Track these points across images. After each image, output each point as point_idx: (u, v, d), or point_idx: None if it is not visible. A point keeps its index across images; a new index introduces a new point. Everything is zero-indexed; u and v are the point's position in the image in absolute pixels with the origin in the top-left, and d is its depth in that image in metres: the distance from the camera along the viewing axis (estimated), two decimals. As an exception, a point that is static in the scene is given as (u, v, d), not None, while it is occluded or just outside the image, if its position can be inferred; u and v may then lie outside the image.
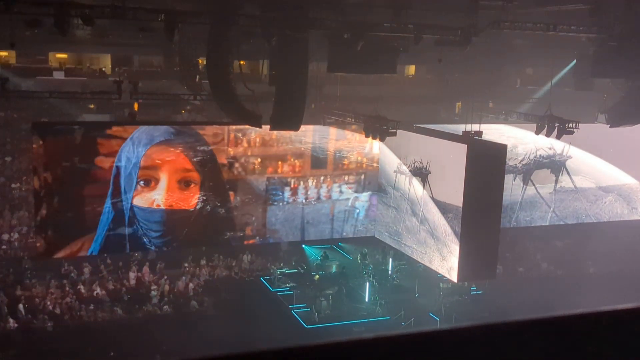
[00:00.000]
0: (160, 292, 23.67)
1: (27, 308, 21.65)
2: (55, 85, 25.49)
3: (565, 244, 29.90)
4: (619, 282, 24.18)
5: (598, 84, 26.06)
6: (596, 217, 29.83)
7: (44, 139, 22.57)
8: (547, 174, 28.53)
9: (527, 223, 28.81)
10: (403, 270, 26.35)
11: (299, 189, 26.51)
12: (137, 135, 23.52)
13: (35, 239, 23.40)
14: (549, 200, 28.77)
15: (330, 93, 27.98)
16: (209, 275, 25.36)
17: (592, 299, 23.14)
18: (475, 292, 25.29)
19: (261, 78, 24.14)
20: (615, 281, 24.29)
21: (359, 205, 27.49)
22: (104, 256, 24.55)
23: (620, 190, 29.99)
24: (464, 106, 28.28)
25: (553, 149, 27.99)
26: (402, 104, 28.94)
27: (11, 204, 26.58)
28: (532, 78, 31.45)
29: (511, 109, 27.38)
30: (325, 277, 25.74)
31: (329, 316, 23.16)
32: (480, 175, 21.59)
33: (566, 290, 24.31)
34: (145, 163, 23.68)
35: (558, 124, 23.17)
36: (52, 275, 23.55)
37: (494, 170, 22.08)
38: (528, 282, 26.22)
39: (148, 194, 23.85)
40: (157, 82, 27.48)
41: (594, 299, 22.95)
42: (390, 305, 23.74)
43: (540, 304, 22.63)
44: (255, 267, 26.46)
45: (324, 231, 27.24)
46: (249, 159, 25.59)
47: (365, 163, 27.48)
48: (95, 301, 22.69)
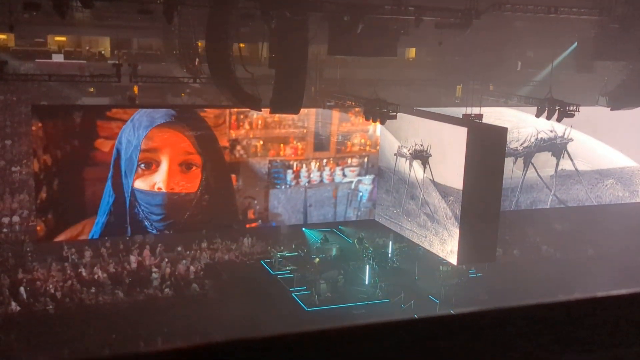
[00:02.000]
0: (161, 275, 23.73)
1: (29, 291, 21.72)
2: (54, 68, 25.40)
3: (564, 227, 29.94)
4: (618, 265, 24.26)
5: (599, 66, 25.96)
6: (597, 200, 29.84)
7: (44, 122, 22.53)
8: (548, 157, 28.50)
9: (528, 206, 28.83)
10: (403, 253, 26.41)
11: (302, 172, 26.45)
12: (138, 117, 23.43)
13: (35, 223, 23.43)
14: (549, 183, 28.77)
15: (330, 76, 27.87)
16: (209, 258, 25.43)
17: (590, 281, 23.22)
18: (474, 275, 25.37)
19: (261, 61, 24.02)
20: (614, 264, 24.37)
21: (362, 188, 27.46)
22: (105, 239, 24.61)
23: (621, 174, 29.98)
24: (464, 89, 28.18)
25: (554, 131, 27.94)
26: (402, 87, 28.84)
27: (11, 188, 26.59)
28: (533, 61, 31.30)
29: (512, 91, 27.30)
30: (326, 261, 25.81)
31: (329, 299, 23.25)
32: (480, 159, 21.56)
33: (565, 273, 24.41)
34: (146, 146, 23.60)
35: (559, 106, 23.11)
36: (53, 259, 23.63)
37: (494, 153, 22.07)
38: (527, 265, 26.28)
39: (149, 177, 23.81)
40: (156, 65, 27.37)
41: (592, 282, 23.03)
42: (390, 288, 23.81)
43: (539, 287, 22.70)
44: (255, 251, 26.52)
45: (326, 214, 27.22)
46: (250, 142, 25.49)
47: (369, 146, 27.34)
48: (97, 284, 22.76)
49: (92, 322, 20.33)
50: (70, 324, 20.15)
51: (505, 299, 22.08)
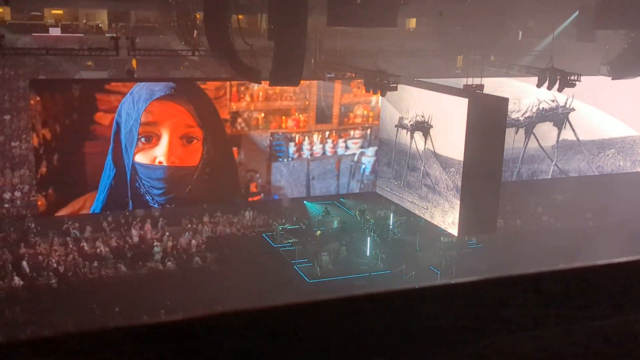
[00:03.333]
0: (163, 248, 23.82)
1: (32, 265, 21.82)
2: (52, 42, 25.24)
3: (565, 197, 29.96)
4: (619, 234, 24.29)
5: (601, 35, 25.73)
6: (598, 170, 29.77)
7: (42, 96, 22.35)
8: (550, 127, 28.37)
9: (529, 177, 28.80)
10: (404, 224, 26.47)
11: (304, 145, 26.28)
12: (137, 90, 23.21)
13: (36, 197, 23.44)
14: (551, 153, 28.69)
15: (330, 47, 27.66)
16: (211, 232, 25.48)
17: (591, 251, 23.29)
18: (475, 246, 25.44)
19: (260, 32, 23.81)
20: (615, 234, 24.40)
21: (365, 160, 27.35)
22: (106, 214, 24.64)
23: (623, 143, 29.88)
24: (465, 59, 27.98)
25: (556, 101, 27.78)
26: (403, 58, 28.65)
27: (12, 163, 26.58)
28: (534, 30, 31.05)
29: (513, 61, 27.10)
30: (327, 233, 25.88)
31: (330, 271, 23.36)
32: (481, 129, 21.49)
33: (566, 243, 24.45)
34: (146, 119, 23.39)
35: (560, 76, 22.97)
36: (55, 233, 23.68)
37: (495, 124, 21.99)
38: (528, 236, 26.36)
39: (150, 150, 23.67)
40: (154, 38, 27.18)
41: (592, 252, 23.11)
42: (391, 260, 23.90)
43: (540, 257, 22.78)
44: (257, 224, 26.56)
45: (329, 187, 27.13)
46: (252, 114, 25.24)
47: (372, 117, 27.11)
48: (99, 258, 22.85)
49: (95, 296, 20.46)
50: (74, 298, 20.28)
51: (506, 269, 22.18)
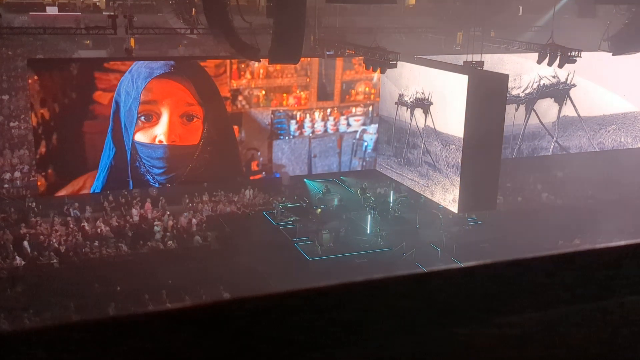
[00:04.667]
0: (164, 227, 23.86)
1: (33, 245, 21.87)
2: (49, 21, 25.07)
3: (566, 174, 29.95)
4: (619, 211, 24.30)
5: (601, 10, 25.56)
6: (599, 146, 29.71)
7: (40, 75, 22.19)
8: (551, 103, 28.26)
9: (530, 154, 28.75)
10: (404, 202, 26.51)
11: (305, 122, 26.12)
12: (136, 68, 23.01)
13: (36, 178, 23.42)
14: (552, 130, 28.62)
15: (329, 25, 27.49)
16: (211, 210, 25.52)
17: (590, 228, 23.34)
18: (474, 223, 25.50)
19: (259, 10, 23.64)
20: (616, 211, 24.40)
21: (367, 137, 27.21)
22: (107, 193, 24.64)
23: (624, 119, 29.80)
24: (465, 36, 27.81)
25: (557, 77, 27.64)
26: (402, 35, 28.49)
27: (11, 143, 26.56)
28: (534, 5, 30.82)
29: (513, 37, 26.94)
30: (328, 211, 25.93)
31: (331, 249, 23.45)
32: (481, 106, 21.41)
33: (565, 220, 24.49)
34: (146, 97, 23.19)
35: (560, 52, 22.83)
36: (55, 213, 23.72)
37: (495, 100, 21.90)
38: (528, 212, 26.40)
39: (150, 129, 23.52)
40: (152, 16, 26.99)
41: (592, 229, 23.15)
42: (391, 237, 23.97)
43: (539, 234, 22.85)
44: (257, 202, 26.59)
45: (331, 165, 27.04)
46: (252, 92, 25.05)
47: (374, 94, 26.90)
48: (100, 238, 22.90)
49: (97, 275, 20.52)
50: (76, 277, 20.34)
51: (506, 246, 22.28)
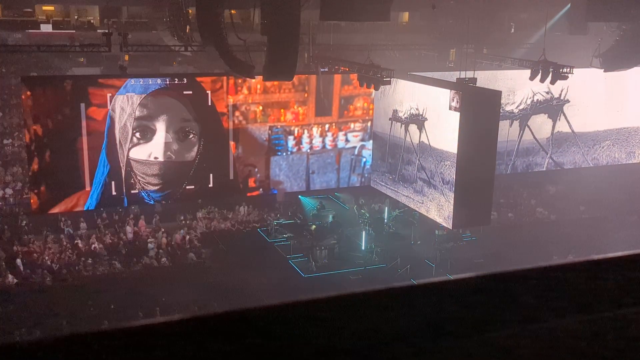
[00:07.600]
0: (158, 245, 23.74)
1: (26, 263, 21.72)
2: (44, 39, 25.11)
3: (559, 190, 30.03)
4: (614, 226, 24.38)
5: (592, 27, 25.78)
6: (593, 162, 29.78)
7: (34, 92, 22.01)
8: (544, 119, 28.38)
9: (524, 169, 28.80)
10: (399, 218, 26.49)
11: (303, 138, 25.97)
12: (131, 83, 22.92)
13: (29, 195, 23.27)
14: (546, 145, 28.71)
15: (323, 42, 27.61)
16: (205, 227, 25.43)
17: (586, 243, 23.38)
18: (468, 239, 25.49)
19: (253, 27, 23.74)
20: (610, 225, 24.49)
21: (366, 153, 27.13)
22: (100, 210, 24.49)
23: (618, 135, 29.90)
24: (458, 53, 27.99)
25: (550, 93, 27.79)
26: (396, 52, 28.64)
27: (4, 160, 26.47)
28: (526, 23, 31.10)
29: (506, 54, 27.13)
30: (322, 227, 25.88)
31: (326, 265, 23.37)
32: (474, 122, 21.50)
33: (559, 235, 24.55)
34: (141, 113, 23.02)
35: (552, 69, 23.01)
36: (49, 231, 23.58)
37: (488, 116, 22.00)
38: (522, 228, 26.43)
39: (145, 145, 23.33)
40: (147, 34, 27.07)
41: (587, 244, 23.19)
42: (386, 253, 23.93)
43: (533, 249, 22.87)
44: (252, 219, 26.53)
45: (329, 181, 26.89)
46: (250, 107, 24.89)
47: (372, 110, 26.78)
48: (93, 255, 22.77)
49: (90, 293, 20.39)
50: (69, 295, 20.21)
51: (500, 261, 22.27)
